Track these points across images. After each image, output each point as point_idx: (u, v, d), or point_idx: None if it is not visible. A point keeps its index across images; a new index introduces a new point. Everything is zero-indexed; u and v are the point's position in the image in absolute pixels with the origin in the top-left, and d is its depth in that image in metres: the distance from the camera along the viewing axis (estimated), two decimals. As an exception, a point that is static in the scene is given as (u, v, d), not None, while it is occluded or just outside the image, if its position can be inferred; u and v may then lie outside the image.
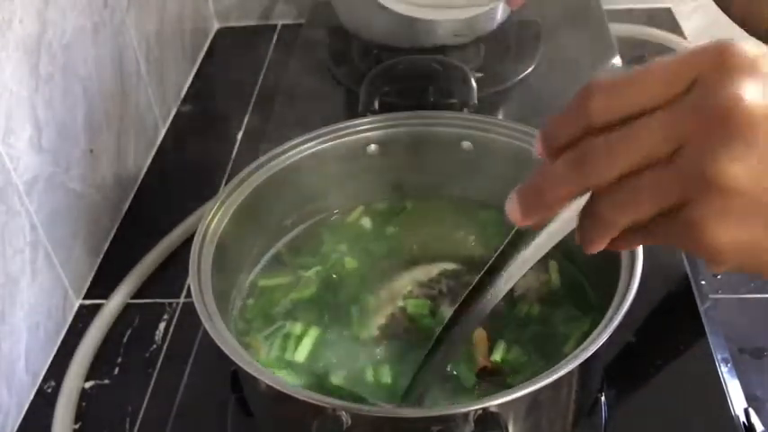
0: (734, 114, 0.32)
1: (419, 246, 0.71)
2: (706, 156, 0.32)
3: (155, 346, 0.80)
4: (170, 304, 0.84)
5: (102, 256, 0.91)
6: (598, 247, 0.37)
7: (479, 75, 0.97)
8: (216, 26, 1.33)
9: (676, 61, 0.34)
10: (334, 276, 0.68)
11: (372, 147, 0.72)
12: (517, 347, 0.61)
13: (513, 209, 0.38)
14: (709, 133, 0.32)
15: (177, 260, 0.89)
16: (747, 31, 0.73)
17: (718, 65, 0.33)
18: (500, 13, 1.00)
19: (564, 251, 0.66)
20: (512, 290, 0.52)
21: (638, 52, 1.03)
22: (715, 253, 0.35)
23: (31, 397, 0.76)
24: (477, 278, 0.48)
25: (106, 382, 0.78)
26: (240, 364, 0.51)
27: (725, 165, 0.32)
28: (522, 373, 0.59)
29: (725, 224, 0.34)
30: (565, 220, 0.40)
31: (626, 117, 0.34)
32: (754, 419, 0.62)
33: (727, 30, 0.75)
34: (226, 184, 0.76)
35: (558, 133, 0.36)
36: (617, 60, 1.01)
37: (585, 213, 0.37)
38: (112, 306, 0.83)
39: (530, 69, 1.01)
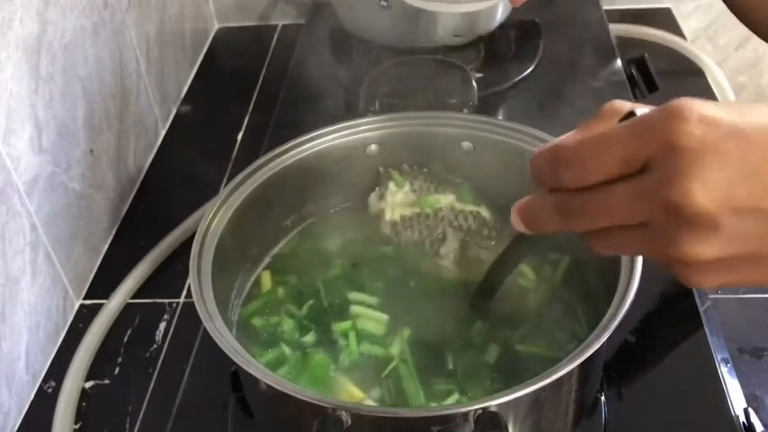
0: (689, 213, 0.35)
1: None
2: (674, 241, 0.36)
3: (155, 346, 0.80)
4: (170, 304, 0.84)
5: (102, 256, 0.91)
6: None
7: (479, 75, 0.97)
8: (216, 26, 1.33)
9: (630, 138, 0.37)
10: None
11: (372, 147, 0.72)
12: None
13: (516, 222, 0.43)
14: (670, 223, 0.36)
15: (177, 260, 0.89)
16: (749, 26, 0.73)
17: (666, 150, 0.35)
18: (500, 13, 1.00)
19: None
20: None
21: (638, 52, 1.03)
22: (697, 284, 0.38)
23: (32, 397, 0.77)
24: None
25: (106, 382, 0.78)
26: (240, 364, 0.51)
27: (690, 248, 0.36)
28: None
29: (704, 277, 0.38)
30: None
31: (594, 185, 0.38)
32: (754, 419, 0.62)
33: (727, 30, 0.75)
34: (226, 184, 0.76)
35: (540, 177, 0.41)
36: (617, 60, 1.02)
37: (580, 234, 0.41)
38: (112, 306, 0.83)
39: (530, 69, 1.01)
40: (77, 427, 0.74)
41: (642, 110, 0.38)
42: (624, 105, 0.40)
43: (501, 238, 0.68)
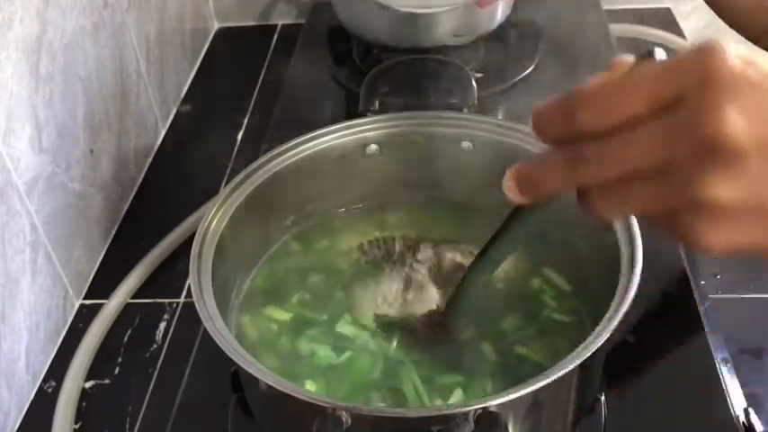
0: (720, 145, 0.32)
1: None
2: (696, 180, 0.33)
3: (155, 346, 0.80)
4: (170, 304, 0.84)
5: (102, 256, 0.91)
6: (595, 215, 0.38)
7: (479, 75, 0.97)
8: (216, 26, 1.33)
9: (662, 73, 0.34)
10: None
11: (372, 147, 0.72)
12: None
13: (510, 187, 0.39)
14: (696, 160, 0.33)
15: (177, 260, 0.89)
16: (740, 33, 0.73)
17: (703, 81, 0.33)
18: (500, 13, 1.00)
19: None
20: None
21: (637, 52, 1.03)
22: (706, 251, 0.35)
23: (32, 397, 0.77)
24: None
25: (106, 382, 0.78)
26: (240, 364, 0.51)
27: (714, 190, 0.33)
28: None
29: (714, 232, 0.34)
30: None
31: (614, 127, 0.35)
32: (754, 419, 0.62)
33: (726, 30, 0.75)
34: (226, 184, 0.76)
35: (547, 127, 0.37)
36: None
37: (581, 194, 0.38)
38: (112, 306, 0.83)
39: (530, 69, 1.01)
40: (77, 426, 0.74)
41: (661, 52, 0.36)
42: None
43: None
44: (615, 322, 0.51)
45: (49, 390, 0.77)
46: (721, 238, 0.35)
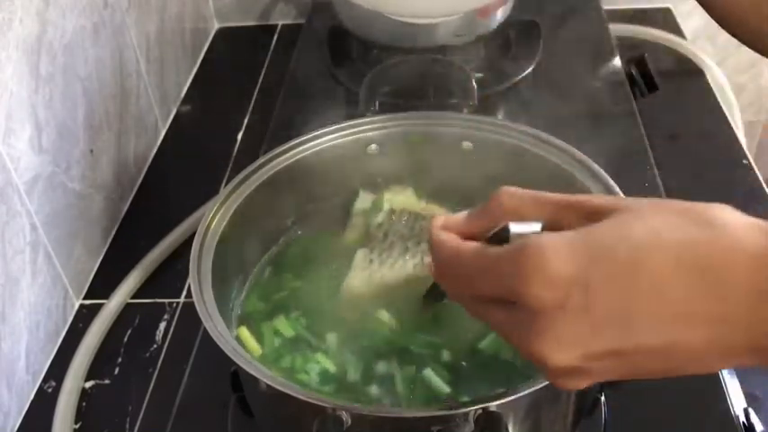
0: (548, 366, 0.38)
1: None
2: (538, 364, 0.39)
3: (155, 346, 0.80)
4: (170, 304, 0.84)
5: (102, 256, 0.91)
6: None
7: (479, 75, 0.97)
8: (216, 26, 1.33)
9: (492, 280, 0.40)
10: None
11: (372, 147, 0.72)
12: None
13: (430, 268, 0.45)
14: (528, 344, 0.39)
15: (177, 260, 0.89)
16: (735, 36, 0.73)
17: (523, 306, 0.38)
18: (500, 13, 1.00)
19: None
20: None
21: (638, 52, 1.03)
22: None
23: (32, 397, 0.77)
24: None
25: (106, 382, 0.78)
26: (240, 364, 0.51)
27: (560, 383, 0.40)
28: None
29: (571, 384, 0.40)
30: None
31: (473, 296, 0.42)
32: (754, 419, 0.62)
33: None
34: (226, 184, 0.76)
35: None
36: (617, 60, 1.02)
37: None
38: (112, 306, 0.83)
39: (530, 69, 1.01)
40: (77, 426, 0.74)
41: (517, 227, 0.40)
42: (506, 208, 0.42)
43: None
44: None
45: (49, 390, 0.77)
46: (580, 384, 0.40)
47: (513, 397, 0.47)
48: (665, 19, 1.23)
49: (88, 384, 0.77)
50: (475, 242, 0.42)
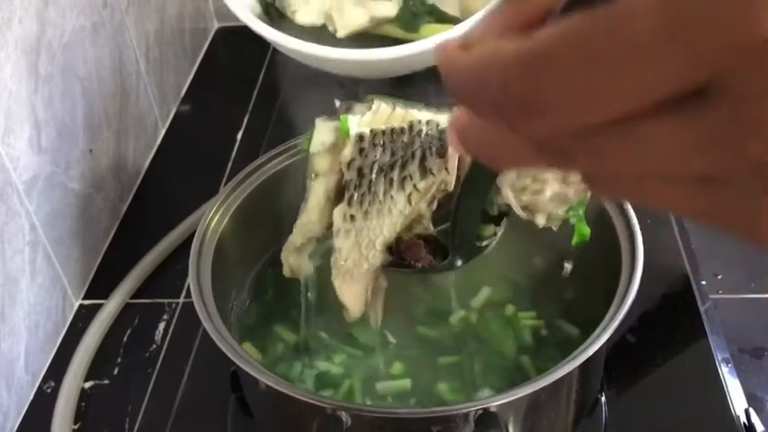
0: None
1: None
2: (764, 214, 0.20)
3: (155, 346, 0.80)
4: (170, 304, 0.84)
5: (102, 256, 0.91)
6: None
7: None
8: (216, 26, 1.33)
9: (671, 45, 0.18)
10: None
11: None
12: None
13: (453, 140, 0.25)
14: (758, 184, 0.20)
15: (177, 260, 0.89)
16: None
17: (745, 58, 0.18)
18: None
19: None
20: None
21: None
22: None
23: (31, 397, 0.76)
24: None
25: (106, 382, 0.77)
26: (240, 364, 0.51)
27: None
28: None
29: None
30: None
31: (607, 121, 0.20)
32: (755, 419, 0.62)
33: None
34: (226, 184, 0.76)
35: (474, 99, 0.22)
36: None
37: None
38: (112, 306, 0.83)
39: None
40: (77, 427, 0.73)
41: None
42: None
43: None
44: (615, 322, 0.51)
45: (49, 390, 0.77)
46: None
47: (513, 397, 0.47)
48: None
49: (87, 384, 0.77)
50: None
